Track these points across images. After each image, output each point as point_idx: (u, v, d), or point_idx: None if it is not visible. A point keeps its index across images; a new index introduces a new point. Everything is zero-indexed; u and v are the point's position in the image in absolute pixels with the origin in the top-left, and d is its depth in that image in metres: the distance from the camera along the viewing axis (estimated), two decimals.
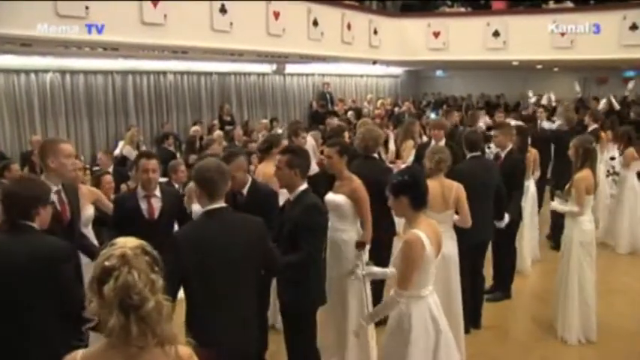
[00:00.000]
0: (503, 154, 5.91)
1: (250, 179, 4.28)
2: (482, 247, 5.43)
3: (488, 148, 7.41)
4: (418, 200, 3.28)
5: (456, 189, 4.60)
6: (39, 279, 2.74)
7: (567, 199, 5.09)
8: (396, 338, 3.31)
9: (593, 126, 8.50)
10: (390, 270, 3.65)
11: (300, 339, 3.81)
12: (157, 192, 4.20)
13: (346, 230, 4.42)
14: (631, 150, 7.78)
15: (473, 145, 5.38)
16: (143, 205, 4.15)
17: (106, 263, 1.78)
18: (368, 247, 4.47)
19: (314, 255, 3.66)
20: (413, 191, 3.27)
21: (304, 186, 3.73)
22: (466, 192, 4.64)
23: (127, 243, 1.84)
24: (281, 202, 4.13)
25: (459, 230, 4.70)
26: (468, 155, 5.40)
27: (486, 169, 5.36)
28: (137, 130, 10.82)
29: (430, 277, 3.32)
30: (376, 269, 3.96)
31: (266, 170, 5.15)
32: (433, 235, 3.27)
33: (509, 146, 5.96)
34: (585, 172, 4.98)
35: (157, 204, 4.18)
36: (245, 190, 4.18)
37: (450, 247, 4.54)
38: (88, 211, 4.38)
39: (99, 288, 1.77)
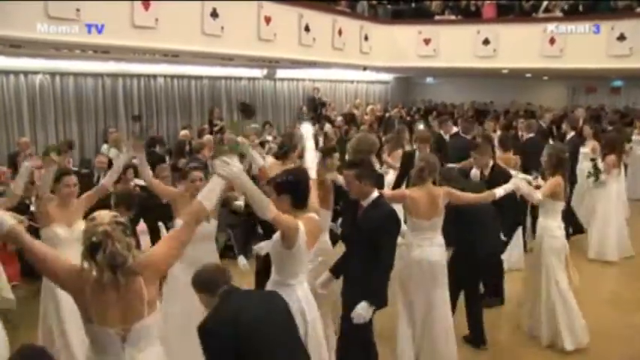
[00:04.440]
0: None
1: None
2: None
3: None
4: (299, 200, 3.45)
5: (444, 193, 4.47)
6: None
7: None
8: None
9: (571, 133, 8.67)
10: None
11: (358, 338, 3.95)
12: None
13: None
14: (612, 157, 7.71)
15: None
16: None
17: (94, 239, 2.41)
18: None
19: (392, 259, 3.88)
20: (294, 191, 3.44)
21: (375, 193, 3.95)
22: None
23: (104, 219, 2.47)
24: None
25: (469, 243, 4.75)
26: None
27: None
28: (117, 132, 10.79)
29: (302, 268, 3.44)
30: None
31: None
32: (311, 230, 3.41)
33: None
34: (558, 179, 5.08)
35: None
36: None
37: (437, 254, 4.47)
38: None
39: (91, 255, 2.42)
